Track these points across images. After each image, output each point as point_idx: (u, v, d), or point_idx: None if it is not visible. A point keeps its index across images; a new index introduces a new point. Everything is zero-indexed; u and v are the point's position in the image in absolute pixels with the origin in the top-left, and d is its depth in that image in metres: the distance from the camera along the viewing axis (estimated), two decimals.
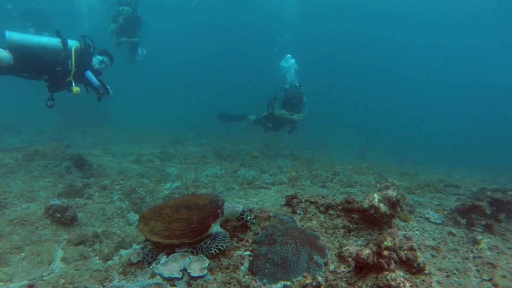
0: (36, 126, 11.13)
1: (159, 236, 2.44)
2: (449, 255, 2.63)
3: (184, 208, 2.57)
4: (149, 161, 7.76)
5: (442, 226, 3.42)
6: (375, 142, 16.59)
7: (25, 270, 3.21)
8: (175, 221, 2.49)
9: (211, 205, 2.63)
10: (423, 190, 5.51)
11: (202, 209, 2.59)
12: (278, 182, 5.88)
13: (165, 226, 2.48)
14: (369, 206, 2.90)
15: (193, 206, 2.59)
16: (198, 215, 2.53)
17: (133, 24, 9.91)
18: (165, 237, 2.42)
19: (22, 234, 3.66)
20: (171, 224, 2.48)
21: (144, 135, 12.44)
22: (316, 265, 2.38)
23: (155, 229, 2.48)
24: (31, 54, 4.99)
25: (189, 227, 2.46)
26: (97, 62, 5.58)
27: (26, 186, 4.80)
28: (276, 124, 9.15)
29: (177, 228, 2.46)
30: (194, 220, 2.50)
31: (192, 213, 2.54)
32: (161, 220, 2.52)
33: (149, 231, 2.48)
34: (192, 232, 2.45)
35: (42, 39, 5.26)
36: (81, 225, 4.13)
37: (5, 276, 3.07)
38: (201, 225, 2.49)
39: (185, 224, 2.47)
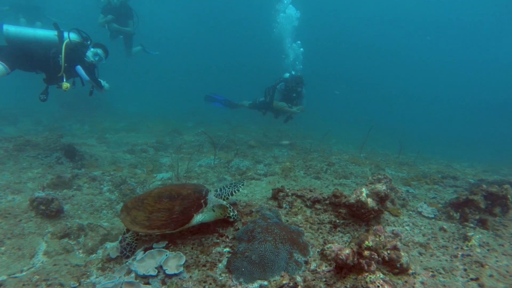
0: (34, 116, 11.05)
1: (140, 226, 2.38)
2: (438, 253, 2.51)
3: (166, 198, 2.51)
4: (143, 151, 7.66)
5: (435, 221, 3.29)
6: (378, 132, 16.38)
7: (4, 265, 3.15)
8: (157, 211, 2.43)
9: (194, 195, 2.57)
10: (420, 181, 5.36)
11: (185, 199, 2.52)
12: (271, 173, 5.76)
13: (147, 216, 2.41)
14: (356, 201, 2.78)
15: (176, 196, 2.53)
16: (181, 205, 2.47)
17: (125, 14, 9.73)
18: (147, 228, 2.36)
19: (4, 227, 3.59)
20: (152, 214, 2.42)
21: (142, 124, 12.34)
22: (295, 264, 2.28)
23: (137, 219, 2.41)
24: (26, 48, 5.06)
25: (170, 217, 2.40)
26: (91, 55, 5.50)
27: (13, 178, 4.73)
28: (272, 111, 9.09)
29: (159, 218, 2.40)
30: (176, 211, 2.44)
31: (174, 203, 2.47)
32: (143, 210, 2.46)
33: (131, 221, 2.42)
34: (174, 222, 2.39)
35: (38, 32, 5.28)
36: (68, 217, 4.06)
37: None
38: (183, 215, 2.43)
39: (166, 215, 2.41)
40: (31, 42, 5.16)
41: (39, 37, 5.24)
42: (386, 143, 14.05)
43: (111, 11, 9.47)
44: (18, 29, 5.15)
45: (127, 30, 9.95)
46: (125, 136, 9.84)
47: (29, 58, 5.10)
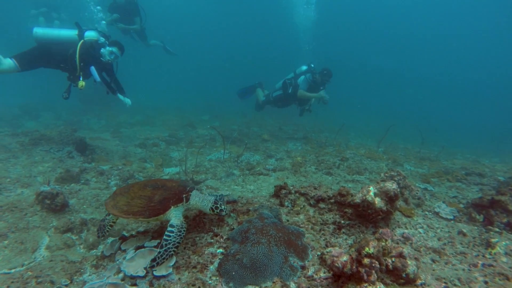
0: (55, 110, 11.36)
1: (118, 211, 2.36)
2: (454, 260, 2.24)
3: (150, 187, 2.52)
4: (154, 145, 7.65)
5: (454, 223, 2.98)
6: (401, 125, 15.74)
7: (7, 259, 3.15)
8: (138, 198, 2.43)
9: (177, 188, 2.52)
10: (440, 178, 4.98)
11: (167, 190, 2.49)
12: (280, 168, 5.54)
13: (127, 202, 2.41)
14: (362, 200, 2.53)
15: (159, 186, 2.53)
16: (161, 196, 2.43)
17: (130, 11, 9.58)
18: (124, 212, 2.34)
19: (9, 221, 3.62)
20: (133, 200, 2.42)
21: (158, 118, 12.41)
22: (290, 269, 2.09)
23: (118, 204, 2.41)
24: (50, 48, 5.38)
25: (148, 205, 2.37)
26: (107, 54, 5.61)
27: (24, 171, 4.80)
28: (284, 104, 8.96)
29: (137, 204, 2.39)
30: (155, 199, 2.41)
31: (155, 192, 2.47)
32: (126, 195, 2.47)
33: (112, 205, 2.42)
34: (150, 210, 2.34)
35: (62, 32, 5.56)
36: (73, 211, 4.06)
37: None
38: (160, 205, 2.38)
39: (145, 202, 2.39)
40: (55, 42, 5.46)
41: (62, 37, 5.52)
42: (409, 136, 13.43)
43: (116, 9, 9.40)
44: (45, 31, 5.51)
45: (134, 28, 9.89)
46: (140, 130, 9.91)
47: (51, 58, 5.38)
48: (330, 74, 8.11)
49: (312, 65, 8.46)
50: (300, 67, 8.66)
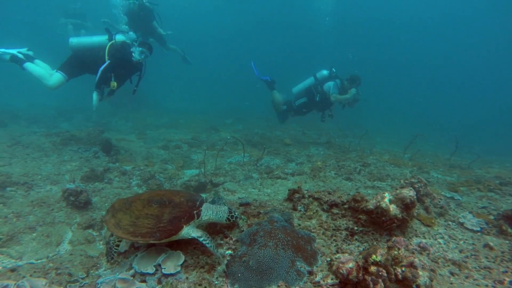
0: (86, 113, 11.97)
1: (123, 232, 2.18)
2: (476, 275, 2.08)
3: (156, 204, 2.29)
4: (177, 147, 7.82)
5: (481, 235, 2.79)
6: (433, 132, 15.10)
7: (34, 250, 3.35)
8: (144, 217, 2.22)
9: (186, 204, 2.33)
10: (470, 187, 4.69)
11: (176, 207, 2.29)
12: (299, 172, 5.46)
13: (132, 221, 2.21)
14: (375, 207, 2.43)
15: (167, 203, 2.31)
16: (170, 214, 2.24)
17: (145, 16, 9.48)
18: (130, 234, 2.15)
19: (38, 215, 3.84)
20: (138, 219, 2.21)
21: (183, 120, 12.72)
22: (296, 274, 2.04)
23: (121, 223, 2.22)
24: (83, 55, 5.73)
25: (157, 225, 2.18)
26: (137, 54, 5.79)
27: (54, 169, 5.08)
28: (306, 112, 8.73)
29: (144, 225, 2.19)
30: (164, 219, 2.21)
31: (163, 211, 2.26)
32: (129, 213, 2.26)
33: (114, 224, 2.23)
34: (160, 232, 2.16)
35: (94, 39, 5.88)
36: (95, 209, 4.23)
37: (16, 254, 3.22)
38: (172, 225, 2.19)
39: (153, 222, 2.20)
40: (88, 49, 5.78)
41: (95, 43, 5.81)
42: (440, 144, 12.84)
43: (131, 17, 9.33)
44: (79, 39, 5.88)
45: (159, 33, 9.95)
46: (164, 132, 10.19)
47: (86, 63, 5.70)
48: (359, 78, 8.01)
49: (333, 69, 8.35)
50: (320, 72, 8.51)
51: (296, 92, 8.74)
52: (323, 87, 8.20)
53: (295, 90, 8.77)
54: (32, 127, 8.71)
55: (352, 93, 7.90)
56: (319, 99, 8.22)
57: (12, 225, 3.49)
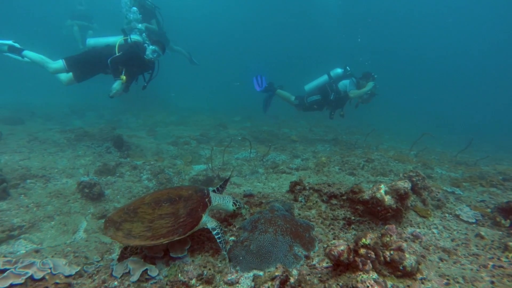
0: (98, 110, 12.33)
1: (140, 239, 2.08)
2: (464, 261, 2.20)
3: (166, 202, 2.25)
4: (185, 143, 8.05)
5: (476, 226, 2.88)
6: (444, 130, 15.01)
7: (53, 237, 3.59)
8: (159, 218, 2.18)
9: (197, 195, 2.37)
10: (473, 183, 4.75)
11: (189, 200, 2.32)
12: (304, 167, 5.60)
13: (147, 226, 2.13)
14: (371, 197, 2.57)
15: (177, 199, 2.29)
16: (186, 207, 2.25)
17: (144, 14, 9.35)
18: (150, 238, 2.08)
19: (55, 205, 4.09)
20: (154, 222, 2.15)
21: (192, 118, 12.95)
22: (294, 257, 2.20)
23: (133, 232, 2.10)
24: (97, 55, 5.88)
25: (177, 222, 2.18)
26: (150, 52, 5.93)
27: (69, 164, 5.35)
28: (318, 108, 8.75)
29: (163, 225, 2.15)
30: (182, 214, 2.22)
31: (177, 206, 2.25)
32: (139, 220, 2.16)
33: (124, 235, 2.08)
34: (182, 227, 2.17)
35: (110, 39, 6.07)
36: (108, 201, 4.47)
37: (37, 240, 3.47)
38: (191, 217, 2.23)
39: (172, 220, 2.18)
40: (102, 48, 5.95)
41: (110, 43, 5.99)
42: (450, 142, 12.77)
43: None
44: (96, 40, 6.13)
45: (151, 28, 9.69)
46: (174, 129, 10.44)
47: (98, 62, 5.84)
48: (372, 74, 8.04)
49: (348, 67, 8.36)
50: (334, 70, 8.53)
51: (308, 89, 8.75)
52: (338, 86, 8.22)
53: (307, 88, 8.78)
54: (48, 124, 9.06)
55: (370, 86, 7.88)
56: (334, 98, 8.21)
57: (33, 214, 3.75)
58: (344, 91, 8.11)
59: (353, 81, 8.13)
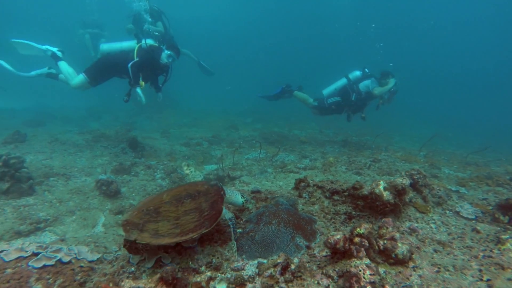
0: (113, 113, 12.78)
1: (170, 237, 2.11)
2: (457, 252, 2.32)
3: (187, 198, 2.34)
4: (198, 144, 8.30)
5: (475, 222, 2.98)
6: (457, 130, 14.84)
7: (74, 230, 3.87)
8: (184, 215, 2.24)
9: (213, 189, 2.49)
10: (479, 183, 4.79)
11: (207, 194, 2.43)
12: (311, 167, 5.75)
13: (174, 224, 2.18)
14: (370, 192, 2.72)
15: (197, 194, 2.38)
16: (206, 201, 2.36)
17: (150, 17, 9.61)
18: (179, 235, 2.13)
19: (76, 201, 4.38)
20: (180, 219, 2.21)
21: (204, 120, 13.25)
22: (295, 247, 2.37)
23: (161, 231, 2.13)
24: (113, 59, 6.08)
25: (202, 215, 2.27)
26: (165, 57, 6.10)
27: (88, 163, 5.66)
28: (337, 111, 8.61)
29: (189, 221, 2.22)
30: (204, 207, 2.31)
31: (199, 201, 2.34)
32: (164, 219, 2.21)
33: (151, 236, 2.10)
34: (208, 220, 2.27)
35: (123, 44, 6.23)
36: (124, 198, 4.73)
37: (60, 232, 3.75)
38: (214, 210, 2.34)
39: (197, 214, 2.26)
40: (118, 52, 6.14)
41: (125, 47, 6.16)
42: (465, 143, 12.66)
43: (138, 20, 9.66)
44: (110, 45, 6.26)
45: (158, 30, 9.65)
46: (186, 131, 10.73)
47: (114, 66, 6.06)
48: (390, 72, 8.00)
49: (366, 69, 8.33)
50: (352, 72, 8.46)
51: (327, 93, 8.64)
52: (359, 87, 8.14)
53: (326, 92, 8.68)
54: (67, 126, 9.49)
55: (393, 82, 7.81)
56: (355, 99, 8.13)
57: (56, 208, 4.04)
58: (366, 92, 8.05)
59: (374, 80, 8.06)
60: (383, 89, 7.89)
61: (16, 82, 11.48)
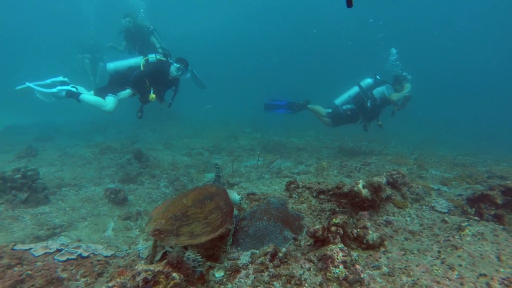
0: (117, 126, 13.23)
1: (205, 235, 2.36)
2: (424, 239, 2.66)
3: (207, 200, 2.57)
4: (199, 154, 8.69)
5: (448, 215, 3.32)
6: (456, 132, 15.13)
7: (87, 235, 4.22)
8: (210, 214, 2.48)
9: (221, 190, 2.83)
10: (461, 181, 5.13)
11: (219, 194, 2.73)
12: (305, 172, 6.11)
13: (205, 223, 2.41)
14: (349, 190, 3.07)
15: (211, 195, 2.65)
16: (221, 200, 2.67)
17: (140, 33, 10.03)
18: (211, 232, 2.40)
19: (87, 208, 4.75)
20: (208, 218, 2.45)
21: (205, 131, 13.66)
22: (283, 239, 2.72)
23: (196, 232, 2.34)
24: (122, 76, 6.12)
25: (223, 212, 2.57)
26: (174, 70, 6.18)
27: (96, 174, 6.05)
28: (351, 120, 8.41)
29: (215, 218, 2.49)
30: (222, 205, 2.61)
31: (216, 200, 2.62)
32: (195, 221, 2.40)
33: (189, 237, 2.30)
34: (228, 215, 2.63)
35: (130, 61, 6.31)
36: (131, 205, 5.10)
37: (75, 236, 4.10)
38: (229, 206, 2.71)
39: (219, 212, 2.54)
40: (126, 69, 6.18)
41: (131, 63, 6.24)
42: (459, 145, 12.99)
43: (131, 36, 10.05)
44: (116, 63, 6.29)
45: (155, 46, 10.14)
46: (188, 141, 11.14)
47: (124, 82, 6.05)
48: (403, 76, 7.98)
49: (378, 76, 8.27)
50: (364, 80, 8.36)
51: (340, 102, 8.46)
52: (374, 93, 8.02)
53: (338, 101, 8.49)
54: (73, 140, 9.92)
55: (409, 87, 7.69)
56: (370, 105, 7.97)
57: (69, 215, 4.41)
58: (381, 98, 7.93)
59: (389, 86, 7.94)
60: (400, 95, 7.76)
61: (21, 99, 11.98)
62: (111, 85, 6.08)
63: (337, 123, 8.51)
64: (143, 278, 1.95)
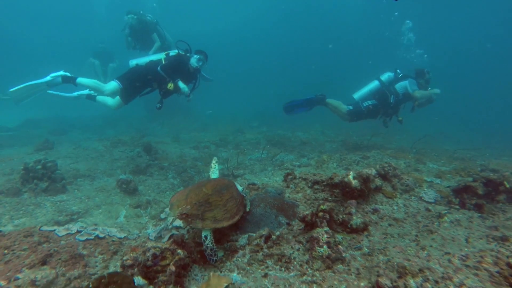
0: (128, 120, 13.67)
1: (226, 221, 2.62)
2: (406, 225, 2.92)
3: (224, 190, 2.81)
4: (206, 147, 9.03)
5: (434, 205, 3.57)
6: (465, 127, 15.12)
7: (102, 221, 4.59)
8: (227, 202, 2.73)
9: (231, 182, 3.05)
10: (455, 174, 5.33)
11: (232, 187, 2.96)
12: (306, 164, 6.37)
13: (224, 210, 2.66)
14: (340, 181, 3.34)
15: (226, 186, 2.90)
16: (234, 191, 2.91)
17: (144, 29, 10.07)
18: (230, 219, 2.65)
19: (101, 197, 5.12)
20: (226, 206, 2.69)
21: (213, 125, 14.00)
22: (278, 224, 3.02)
23: (218, 217, 2.60)
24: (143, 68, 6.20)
25: (237, 202, 2.82)
26: (195, 61, 6.25)
27: (108, 166, 6.43)
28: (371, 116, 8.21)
29: (232, 206, 2.73)
30: (235, 195, 2.86)
31: (231, 191, 2.85)
32: (216, 207, 2.65)
33: (213, 222, 2.57)
34: (241, 204, 2.88)
35: (151, 57, 6.47)
36: (141, 194, 5.46)
37: (90, 222, 4.46)
38: (241, 197, 2.98)
39: (234, 201, 2.78)
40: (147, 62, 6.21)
41: (153, 58, 6.30)
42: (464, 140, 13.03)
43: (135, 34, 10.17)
44: (139, 59, 6.45)
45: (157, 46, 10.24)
46: (196, 135, 11.49)
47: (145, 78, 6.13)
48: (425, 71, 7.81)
49: (398, 70, 8.10)
50: (384, 75, 8.16)
51: (359, 97, 8.26)
52: (396, 88, 7.79)
53: (357, 96, 8.29)
54: (86, 134, 10.38)
55: (437, 92, 7.51)
56: (394, 101, 7.74)
57: (85, 204, 4.79)
58: (403, 93, 7.70)
59: (412, 81, 7.69)
60: (425, 93, 7.56)
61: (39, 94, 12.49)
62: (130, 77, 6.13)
63: (356, 119, 8.34)
64: (153, 254, 2.27)
